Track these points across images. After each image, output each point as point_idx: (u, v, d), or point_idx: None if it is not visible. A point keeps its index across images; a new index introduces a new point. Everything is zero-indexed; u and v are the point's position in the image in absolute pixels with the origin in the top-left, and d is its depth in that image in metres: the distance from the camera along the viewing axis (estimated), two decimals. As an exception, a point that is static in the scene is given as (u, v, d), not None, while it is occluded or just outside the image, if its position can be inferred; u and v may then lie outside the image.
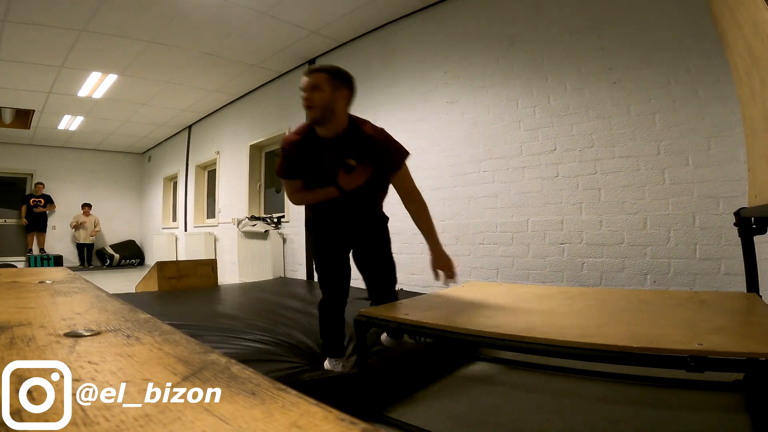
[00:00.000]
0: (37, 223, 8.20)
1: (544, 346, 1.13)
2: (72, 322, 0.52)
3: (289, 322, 2.35)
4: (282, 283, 4.30)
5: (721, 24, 1.88)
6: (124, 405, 0.27)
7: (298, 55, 4.75)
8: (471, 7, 3.43)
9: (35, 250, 8.19)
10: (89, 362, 0.36)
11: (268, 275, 4.85)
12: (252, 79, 5.43)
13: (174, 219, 8.33)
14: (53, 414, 0.26)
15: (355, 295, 3.28)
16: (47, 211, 8.36)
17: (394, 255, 2.04)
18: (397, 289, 2.12)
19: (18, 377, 0.31)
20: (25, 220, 8.10)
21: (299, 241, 4.84)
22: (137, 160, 9.85)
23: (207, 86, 5.66)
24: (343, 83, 1.60)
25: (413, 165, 3.76)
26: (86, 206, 8.63)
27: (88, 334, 0.46)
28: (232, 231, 5.69)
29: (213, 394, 0.28)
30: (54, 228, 8.57)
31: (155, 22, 3.90)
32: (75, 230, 8.54)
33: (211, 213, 7.02)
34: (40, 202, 8.27)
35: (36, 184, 8.29)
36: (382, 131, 1.70)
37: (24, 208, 8.13)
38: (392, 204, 2.04)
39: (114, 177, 9.51)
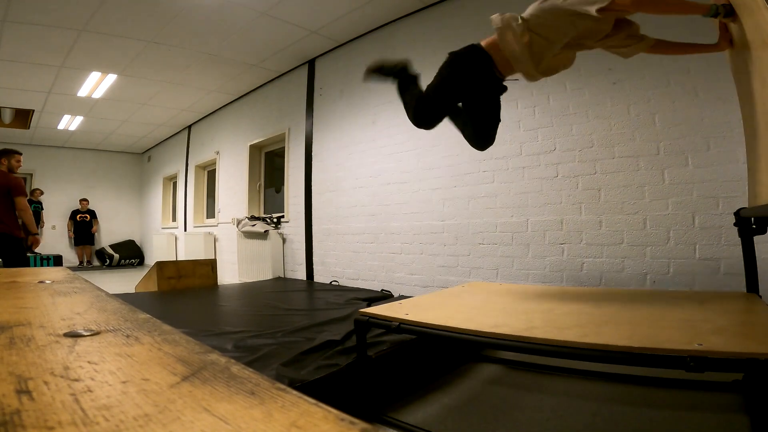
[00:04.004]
0: (84, 237, 8.74)
1: (544, 347, 1.13)
2: (71, 322, 0.52)
3: (287, 322, 2.35)
4: (281, 283, 4.30)
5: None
6: (124, 405, 0.27)
7: (298, 55, 4.75)
8: (470, 7, 3.44)
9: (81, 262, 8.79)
10: (89, 362, 0.36)
11: (267, 275, 4.85)
12: (252, 79, 5.43)
13: (174, 219, 8.33)
14: (52, 414, 0.26)
15: (354, 295, 3.29)
16: (94, 231, 8.87)
17: (394, 255, 2.04)
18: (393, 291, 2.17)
19: (17, 377, 0.31)
20: (71, 233, 8.66)
21: (299, 241, 4.84)
22: (137, 160, 9.86)
23: (207, 86, 5.66)
24: None
25: (413, 165, 3.77)
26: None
27: (88, 334, 0.46)
28: (232, 231, 5.69)
29: (212, 394, 0.28)
30: (54, 228, 8.58)
31: (155, 22, 3.90)
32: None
33: (210, 213, 7.02)
34: (86, 218, 8.73)
35: (81, 200, 8.77)
36: None
37: (71, 224, 8.66)
38: (396, 205, 2.03)
39: (114, 177, 9.52)
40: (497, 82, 1.81)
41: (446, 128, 3.50)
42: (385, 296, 3.34)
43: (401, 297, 3.12)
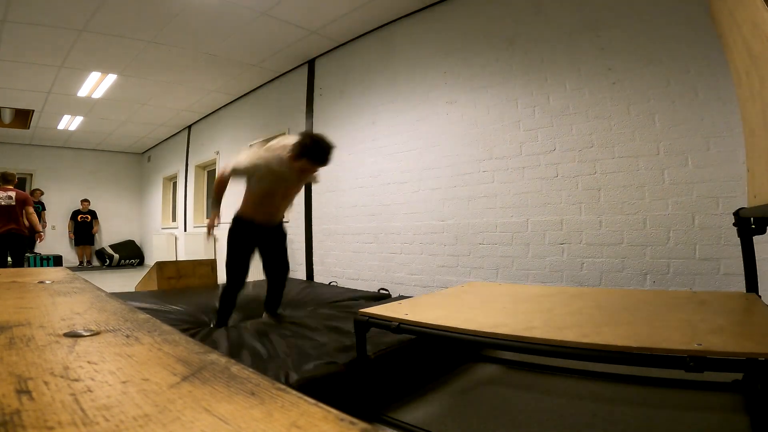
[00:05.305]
0: (85, 238, 8.75)
1: (544, 347, 1.13)
2: (71, 322, 0.52)
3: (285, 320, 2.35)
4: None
5: (720, 24, 1.88)
6: (124, 405, 0.27)
7: (298, 55, 4.75)
8: (470, 7, 3.44)
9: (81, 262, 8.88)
10: (88, 362, 0.36)
11: (267, 275, 4.84)
12: (252, 79, 5.43)
13: (174, 219, 8.33)
14: (52, 414, 0.26)
15: (351, 295, 3.29)
16: (94, 232, 8.88)
17: (394, 255, 2.10)
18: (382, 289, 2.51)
19: (17, 377, 0.31)
20: (72, 234, 8.71)
21: (299, 241, 4.84)
22: (137, 160, 9.85)
23: (207, 86, 5.66)
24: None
25: (413, 165, 3.78)
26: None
27: (88, 334, 0.46)
28: (232, 231, 5.68)
29: (212, 394, 0.28)
30: (54, 228, 8.57)
31: (155, 22, 3.90)
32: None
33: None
34: (87, 218, 8.74)
35: (82, 201, 8.78)
36: None
37: (71, 224, 8.68)
38: (396, 205, 2.03)
39: (114, 177, 9.51)
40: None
41: (446, 128, 3.51)
42: (382, 296, 3.33)
43: (400, 297, 3.12)
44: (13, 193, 4.49)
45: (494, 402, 1.69)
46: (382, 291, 3.59)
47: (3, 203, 4.39)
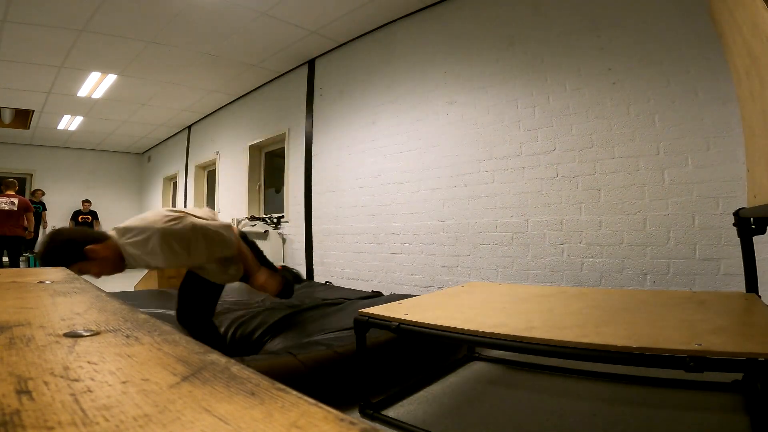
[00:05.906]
0: None
1: (544, 347, 1.13)
2: (71, 322, 0.52)
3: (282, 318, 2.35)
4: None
5: (720, 24, 1.88)
6: (124, 405, 0.27)
7: (298, 56, 4.76)
8: (470, 7, 3.44)
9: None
10: (88, 362, 0.36)
11: (267, 275, 4.84)
12: (252, 79, 5.44)
13: (173, 219, 8.33)
14: (52, 414, 0.26)
15: (354, 295, 3.29)
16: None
17: (394, 255, 2.08)
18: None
19: (17, 377, 0.31)
20: None
21: (299, 242, 4.84)
22: (137, 160, 9.86)
23: (207, 86, 5.66)
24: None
25: (413, 165, 3.78)
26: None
27: (88, 334, 0.46)
28: (232, 231, 5.68)
29: (212, 395, 0.28)
30: (54, 228, 8.60)
31: (155, 22, 3.90)
32: None
33: (210, 213, 7.02)
34: (88, 219, 8.77)
35: (83, 202, 8.76)
36: None
37: (72, 224, 8.63)
38: (396, 205, 2.02)
39: (113, 177, 9.52)
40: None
41: (446, 128, 3.51)
42: (374, 296, 3.33)
43: (392, 296, 3.11)
44: (15, 200, 4.95)
45: (494, 402, 1.69)
46: (374, 292, 3.59)
47: (6, 208, 4.85)
